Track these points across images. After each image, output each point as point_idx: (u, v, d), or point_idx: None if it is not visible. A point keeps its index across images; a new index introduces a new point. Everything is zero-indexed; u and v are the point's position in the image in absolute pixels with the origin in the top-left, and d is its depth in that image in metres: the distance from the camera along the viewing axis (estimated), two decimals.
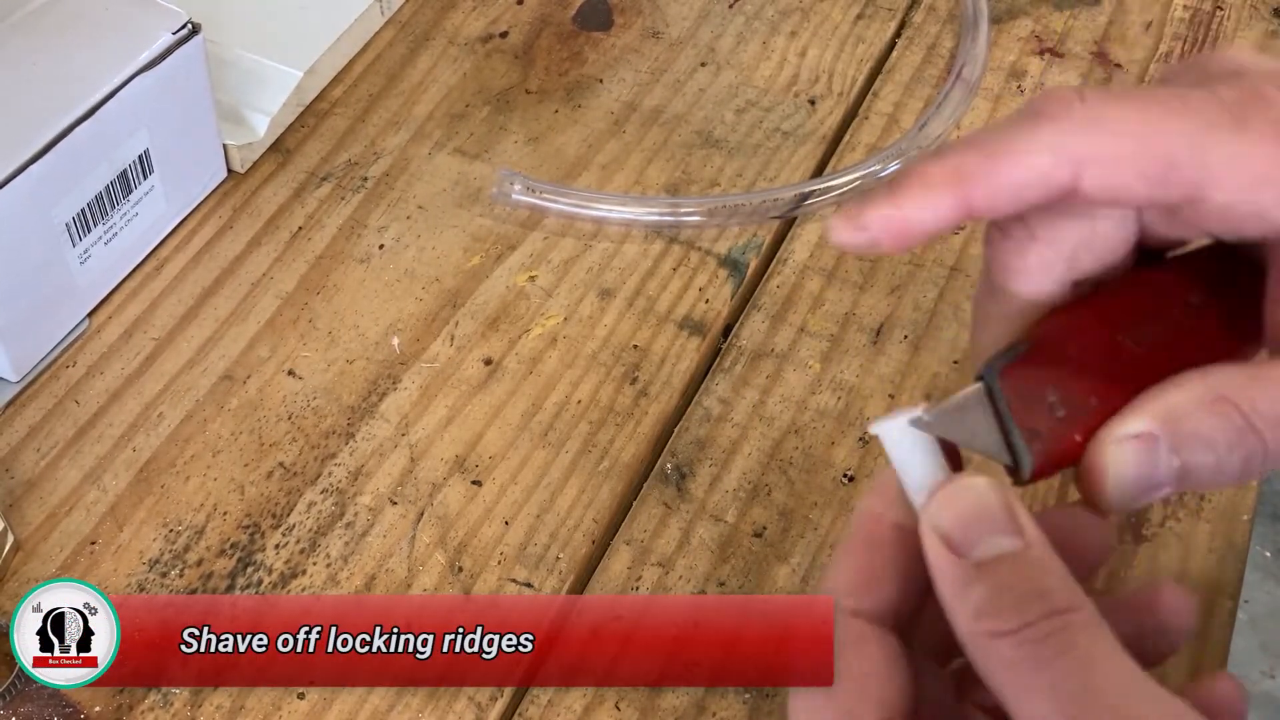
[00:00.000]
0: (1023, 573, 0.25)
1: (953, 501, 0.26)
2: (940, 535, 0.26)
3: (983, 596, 0.25)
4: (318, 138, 0.53)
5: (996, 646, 0.24)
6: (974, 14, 0.57)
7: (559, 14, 0.58)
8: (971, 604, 0.25)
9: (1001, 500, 0.26)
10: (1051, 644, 0.24)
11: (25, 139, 0.40)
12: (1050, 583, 0.25)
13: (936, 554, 0.26)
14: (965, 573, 0.25)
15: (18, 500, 0.42)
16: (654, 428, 0.44)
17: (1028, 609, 0.24)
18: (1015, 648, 0.24)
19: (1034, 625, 0.24)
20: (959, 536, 0.26)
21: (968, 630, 0.25)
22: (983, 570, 0.25)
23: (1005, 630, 0.24)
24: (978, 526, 0.26)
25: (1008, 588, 0.25)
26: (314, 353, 0.46)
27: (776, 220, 0.50)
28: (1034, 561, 0.25)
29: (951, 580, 0.25)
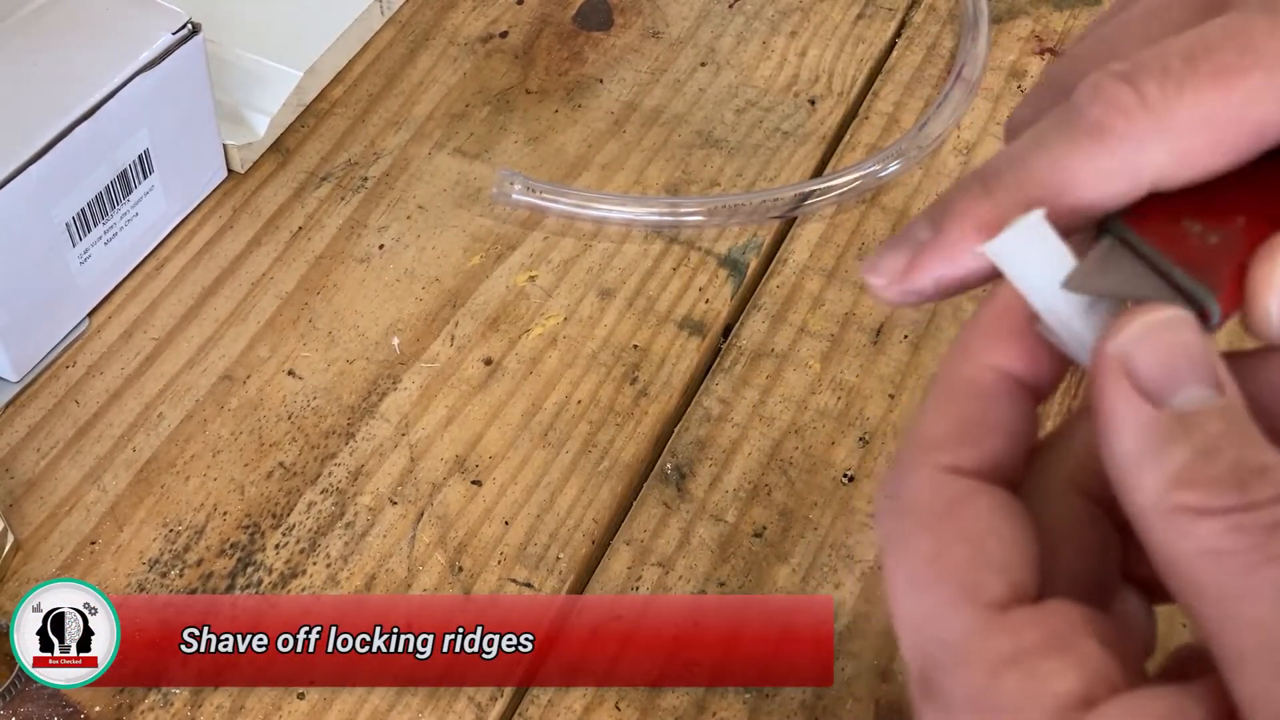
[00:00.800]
0: (1239, 436, 0.19)
1: (1150, 335, 0.20)
2: (1129, 371, 0.20)
3: (1186, 459, 0.19)
4: (318, 138, 0.53)
5: (1200, 527, 0.19)
6: (974, 14, 0.57)
7: (559, 14, 0.58)
8: (1169, 467, 0.19)
9: (1207, 343, 0.20)
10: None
11: (25, 139, 0.40)
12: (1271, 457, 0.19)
13: (1121, 396, 0.20)
14: (1162, 425, 0.20)
15: (18, 500, 0.42)
16: (654, 428, 0.44)
17: (1252, 485, 0.19)
18: (1230, 533, 0.18)
19: (1260, 509, 0.18)
20: (1156, 377, 0.20)
21: (1157, 500, 0.19)
22: (1185, 424, 0.19)
23: (1219, 507, 0.19)
24: (1180, 370, 0.20)
25: (1219, 450, 0.19)
26: (314, 353, 0.46)
27: (776, 220, 0.50)
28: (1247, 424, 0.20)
29: (1140, 432, 0.20)
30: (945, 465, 0.22)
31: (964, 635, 0.21)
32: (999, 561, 0.21)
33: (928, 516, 0.22)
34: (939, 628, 0.21)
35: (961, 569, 0.21)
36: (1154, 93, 0.21)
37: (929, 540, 0.21)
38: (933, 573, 0.21)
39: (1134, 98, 0.21)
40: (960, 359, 0.23)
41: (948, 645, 0.21)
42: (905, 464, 0.22)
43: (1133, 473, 0.20)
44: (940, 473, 0.22)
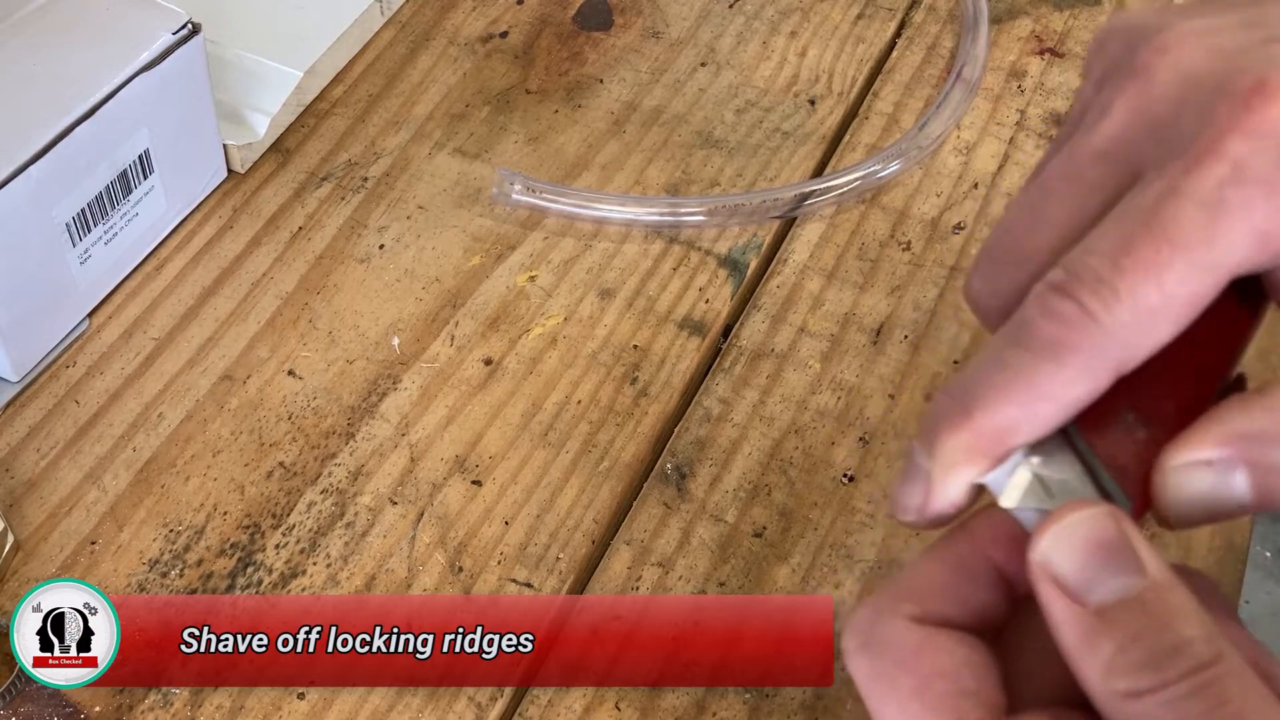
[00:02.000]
0: (1153, 619, 0.22)
1: (1064, 537, 0.24)
2: (1053, 576, 0.23)
3: (1113, 651, 0.22)
4: (318, 138, 0.53)
5: (1135, 707, 0.22)
6: (974, 14, 0.57)
7: (559, 14, 0.58)
8: (1101, 660, 0.22)
9: (1118, 530, 0.23)
10: (1198, 702, 0.21)
11: (25, 139, 0.40)
12: (1186, 630, 0.22)
13: (1053, 602, 0.23)
14: (1089, 623, 0.23)
15: (18, 500, 0.42)
16: (654, 428, 0.44)
17: (1167, 665, 0.22)
18: (1157, 708, 0.22)
19: (1176, 684, 0.22)
20: (1075, 579, 0.23)
21: (1100, 689, 0.22)
22: (1108, 619, 0.23)
23: (1143, 690, 0.22)
24: (1095, 565, 0.23)
25: (1140, 640, 0.22)
26: (314, 353, 0.46)
27: (776, 220, 0.50)
28: (1163, 604, 0.23)
29: (1075, 632, 0.23)
30: (912, 615, 0.25)
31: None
32: (972, 689, 0.24)
33: (906, 656, 0.25)
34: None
35: (944, 699, 0.24)
36: (1096, 305, 0.24)
37: (910, 678, 0.24)
38: (918, 705, 0.24)
39: (1078, 312, 0.24)
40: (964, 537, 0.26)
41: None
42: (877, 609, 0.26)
43: (1076, 664, 0.23)
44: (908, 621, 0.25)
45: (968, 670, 0.24)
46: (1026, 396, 0.24)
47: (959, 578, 0.26)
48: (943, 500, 0.26)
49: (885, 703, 0.25)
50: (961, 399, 0.25)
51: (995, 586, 0.26)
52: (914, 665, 0.24)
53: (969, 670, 0.24)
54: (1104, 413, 0.25)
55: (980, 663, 0.25)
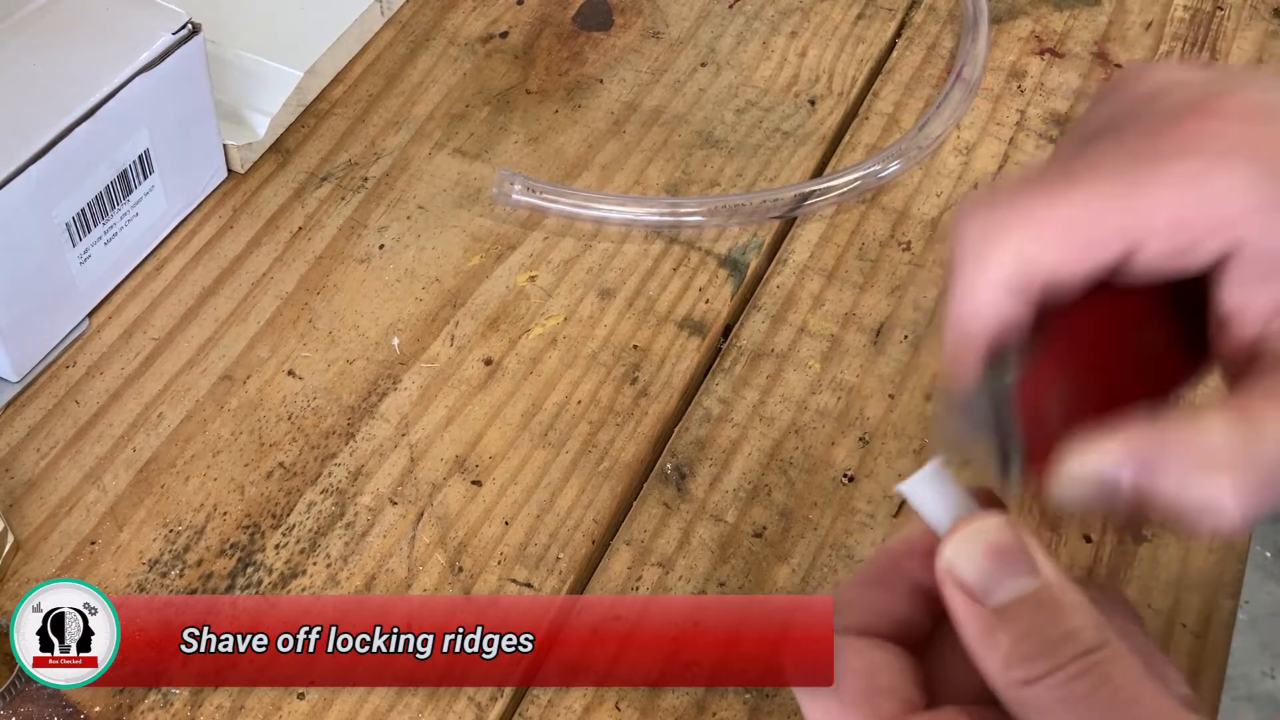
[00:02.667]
0: (1046, 614, 0.25)
1: (966, 545, 0.26)
2: (957, 583, 0.26)
3: (1009, 644, 0.25)
4: (318, 138, 0.53)
5: (1030, 693, 0.24)
6: (974, 14, 0.57)
7: (559, 14, 0.58)
8: (1000, 653, 0.25)
9: (1015, 538, 0.26)
10: (1084, 682, 0.24)
11: (25, 139, 0.40)
12: (1075, 621, 0.25)
13: (957, 603, 0.26)
14: (988, 621, 0.25)
15: (18, 500, 0.42)
16: (654, 428, 0.44)
17: (1056, 652, 0.24)
18: (1048, 691, 0.24)
19: (1064, 668, 0.24)
20: (976, 582, 0.26)
21: (1000, 680, 0.25)
22: (1005, 616, 0.25)
23: (1036, 676, 0.24)
24: (994, 569, 0.26)
25: (1033, 633, 0.25)
26: (314, 353, 0.46)
27: (776, 220, 0.50)
28: (1055, 601, 0.25)
29: (976, 629, 0.25)
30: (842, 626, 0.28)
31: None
32: (887, 686, 0.27)
33: None
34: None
35: (858, 696, 0.27)
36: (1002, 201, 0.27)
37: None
38: (836, 702, 0.27)
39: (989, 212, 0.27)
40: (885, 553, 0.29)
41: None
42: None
43: (978, 658, 0.25)
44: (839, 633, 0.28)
45: (883, 671, 0.27)
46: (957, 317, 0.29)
47: (876, 592, 0.28)
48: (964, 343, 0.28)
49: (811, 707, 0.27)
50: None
51: (912, 598, 0.28)
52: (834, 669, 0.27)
53: (884, 671, 0.27)
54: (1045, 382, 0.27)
55: (896, 666, 0.27)
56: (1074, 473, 0.26)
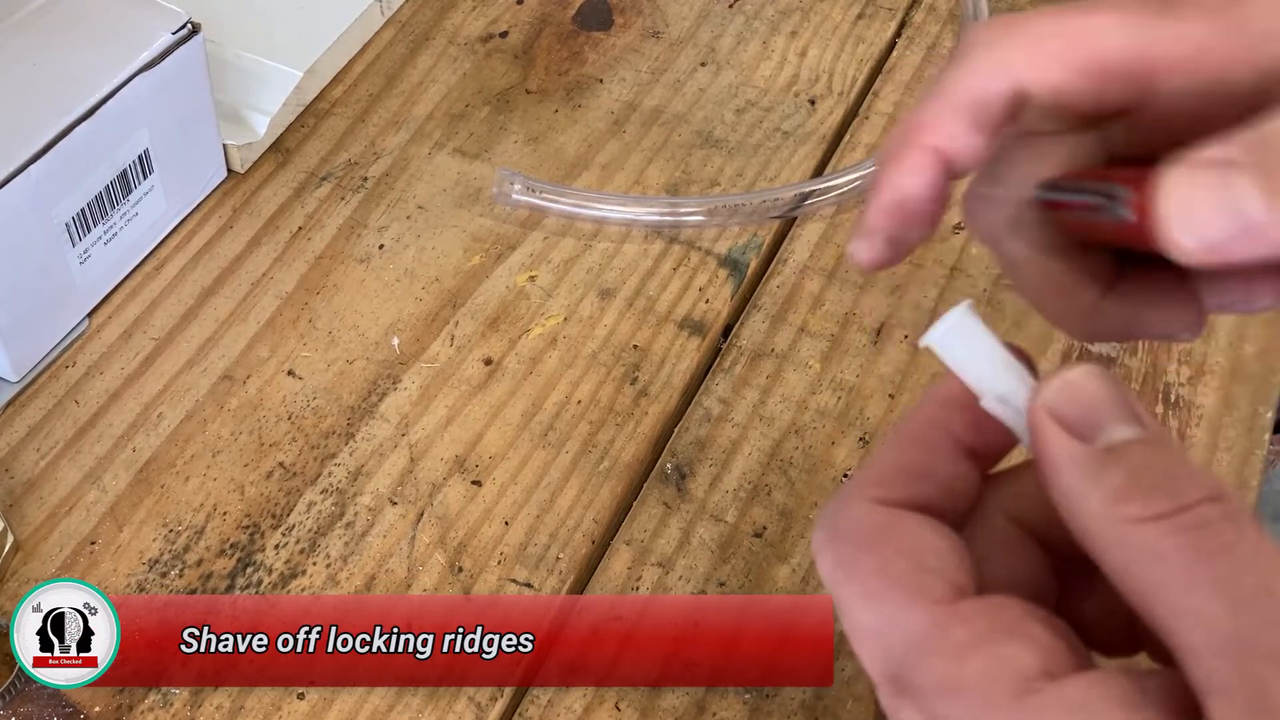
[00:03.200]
0: (1162, 456, 0.22)
1: (1071, 387, 0.23)
2: (1059, 419, 0.23)
3: (1121, 479, 0.22)
4: (318, 138, 0.53)
5: (1141, 534, 0.21)
6: (974, 14, 0.57)
7: (559, 14, 0.58)
8: (1107, 488, 0.22)
9: (1119, 388, 0.23)
10: (1215, 533, 0.20)
11: (25, 139, 0.40)
12: (1194, 469, 0.22)
13: (1056, 439, 0.23)
14: (1095, 456, 0.22)
15: (18, 500, 0.42)
16: (654, 428, 0.44)
17: (1181, 490, 0.21)
18: (1168, 535, 0.21)
19: (1191, 509, 0.21)
20: (1082, 421, 0.23)
21: (1101, 519, 0.22)
22: (1116, 453, 0.22)
23: (1155, 514, 0.21)
24: (1101, 412, 0.23)
25: (1150, 468, 0.22)
26: (314, 353, 0.46)
27: (776, 220, 0.50)
28: (1170, 446, 0.22)
29: (1081, 466, 0.22)
30: (874, 497, 0.25)
31: (923, 630, 0.23)
32: (935, 566, 0.24)
33: (867, 538, 0.24)
34: (899, 630, 0.23)
35: (905, 575, 0.23)
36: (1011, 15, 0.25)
37: (872, 557, 0.24)
38: (881, 583, 0.24)
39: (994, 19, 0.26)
40: (914, 417, 0.26)
41: (910, 643, 0.23)
42: (843, 498, 0.25)
43: (1076, 501, 0.22)
44: (870, 503, 0.25)
45: (931, 552, 0.24)
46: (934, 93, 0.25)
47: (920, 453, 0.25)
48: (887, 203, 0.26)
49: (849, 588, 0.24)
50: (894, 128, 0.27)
51: (958, 458, 0.26)
52: (877, 545, 0.24)
53: (933, 552, 0.24)
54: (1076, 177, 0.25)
55: (944, 546, 0.24)
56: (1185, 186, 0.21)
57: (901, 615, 0.23)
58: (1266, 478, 0.45)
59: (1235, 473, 0.43)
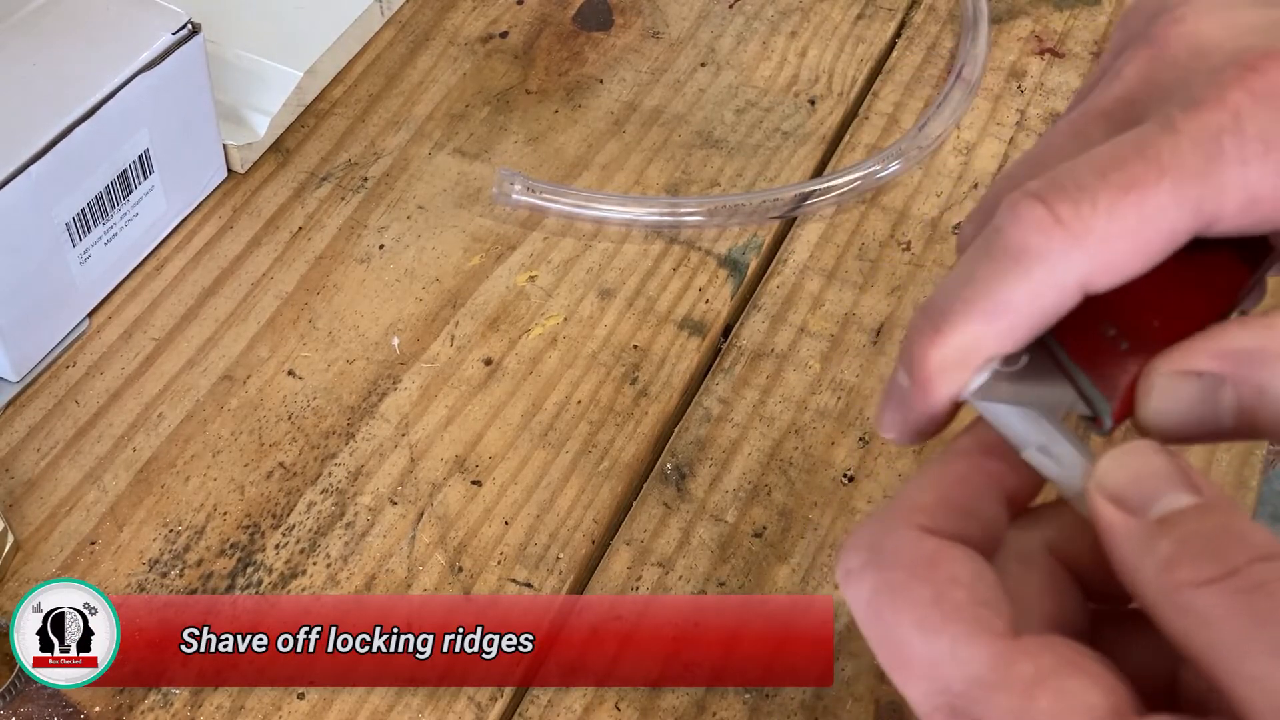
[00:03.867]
0: (1214, 520, 0.22)
1: (1123, 463, 0.23)
2: (1112, 496, 0.23)
3: (1174, 546, 0.22)
4: (318, 138, 0.53)
5: (1198, 599, 0.21)
6: (974, 14, 0.57)
7: (559, 14, 0.58)
8: (1159, 557, 0.22)
9: (1173, 460, 0.23)
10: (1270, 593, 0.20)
11: (25, 139, 0.40)
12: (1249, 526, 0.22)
13: (1110, 516, 0.23)
14: (1148, 528, 0.22)
15: (18, 500, 0.42)
16: (654, 428, 0.44)
17: (1233, 553, 0.21)
18: (1223, 597, 0.21)
19: (1243, 571, 0.21)
20: (1135, 495, 0.23)
21: (1156, 588, 0.22)
22: (1168, 523, 0.22)
23: (1208, 578, 0.21)
24: (1153, 484, 0.23)
25: (1201, 535, 0.22)
26: (314, 353, 0.46)
27: (776, 220, 0.50)
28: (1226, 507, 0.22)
29: (1133, 538, 0.22)
30: (924, 526, 0.24)
31: (989, 664, 0.22)
32: (992, 600, 0.23)
33: (919, 566, 0.24)
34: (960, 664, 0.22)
35: (965, 606, 0.23)
36: (1068, 211, 0.23)
37: (927, 587, 0.23)
38: (939, 614, 0.23)
39: (1049, 217, 0.23)
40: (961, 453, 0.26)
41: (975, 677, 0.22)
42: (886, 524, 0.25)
43: (1133, 571, 0.22)
44: (921, 531, 0.24)
45: (985, 584, 0.23)
46: (992, 308, 0.24)
47: (964, 490, 0.25)
48: (922, 416, 0.26)
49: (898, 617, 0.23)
50: (932, 316, 0.25)
51: (997, 499, 0.25)
52: (930, 574, 0.23)
53: (984, 583, 0.23)
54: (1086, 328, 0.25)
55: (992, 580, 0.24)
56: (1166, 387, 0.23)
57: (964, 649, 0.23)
58: (1266, 478, 0.45)
59: (1235, 473, 0.43)
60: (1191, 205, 0.23)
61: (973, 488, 0.25)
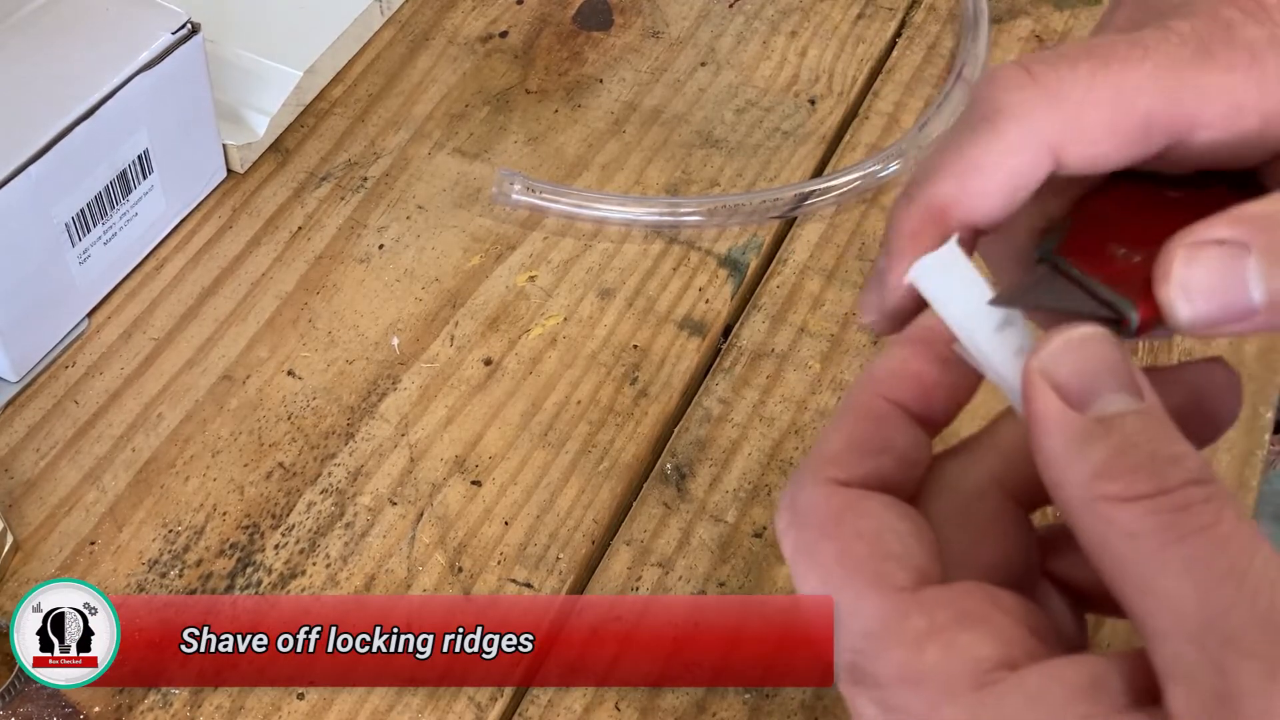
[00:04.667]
0: (1153, 433, 0.21)
1: (1071, 349, 0.22)
2: (1054, 383, 0.22)
3: (1106, 455, 0.21)
4: (317, 138, 0.53)
5: (1120, 513, 0.21)
6: (974, 14, 0.57)
7: (559, 14, 0.58)
8: (1091, 462, 0.21)
9: (1123, 354, 0.22)
10: (1192, 516, 0.20)
11: (25, 139, 0.40)
12: (1185, 448, 0.21)
13: (1047, 403, 0.22)
14: (1084, 427, 0.22)
15: (18, 500, 0.42)
16: (654, 428, 0.44)
17: (1165, 473, 0.21)
18: (1146, 516, 0.20)
19: (1172, 493, 0.20)
20: (1077, 386, 0.22)
21: (1082, 492, 0.21)
22: (1106, 425, 0.21)
23: (1135, 494, 0.21)
24: (1098, 379, 0.22)
25: (1136, 446, 0.21)
26: (314, 353, 0.46)
27: (776, 220, 0.50)
28: (1164, 422, 0.22)
29: (1065, 434, 0.22)
30: (833, 478, 0.24)
31: (882, 619, 0.23)
32: (898, 552, 0.23)
33: (826, 524, 0.24)
34: (858, 619, 0.23)
35: (865, 562, 0.23)
36: (1044, 71, 0.23)
37: (831, 544, 0.24)
38: (841, 571, 0.23)
39: (1025, 75, 0.23)
40: (861, 389, 0.26)
41: (869, 632, 0.23)
42: (799, 481, 0.25)
43: (1060, 469, 0.22)
44: (829, 485, 0.24)
45: (893, 535, 0.23)
46: (962, 168, 0.24)
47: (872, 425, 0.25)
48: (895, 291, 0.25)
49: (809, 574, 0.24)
50: (908, 186, 0.25)
51: (909, 426, 0.25)
52: (835, 530, 0.24)
53: (894, 535, 0.23)
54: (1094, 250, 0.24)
55: (909, 529, 0.24)
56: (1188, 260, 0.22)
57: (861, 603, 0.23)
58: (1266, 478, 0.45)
59: (1235, 473, 0.43)
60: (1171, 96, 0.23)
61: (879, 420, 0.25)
